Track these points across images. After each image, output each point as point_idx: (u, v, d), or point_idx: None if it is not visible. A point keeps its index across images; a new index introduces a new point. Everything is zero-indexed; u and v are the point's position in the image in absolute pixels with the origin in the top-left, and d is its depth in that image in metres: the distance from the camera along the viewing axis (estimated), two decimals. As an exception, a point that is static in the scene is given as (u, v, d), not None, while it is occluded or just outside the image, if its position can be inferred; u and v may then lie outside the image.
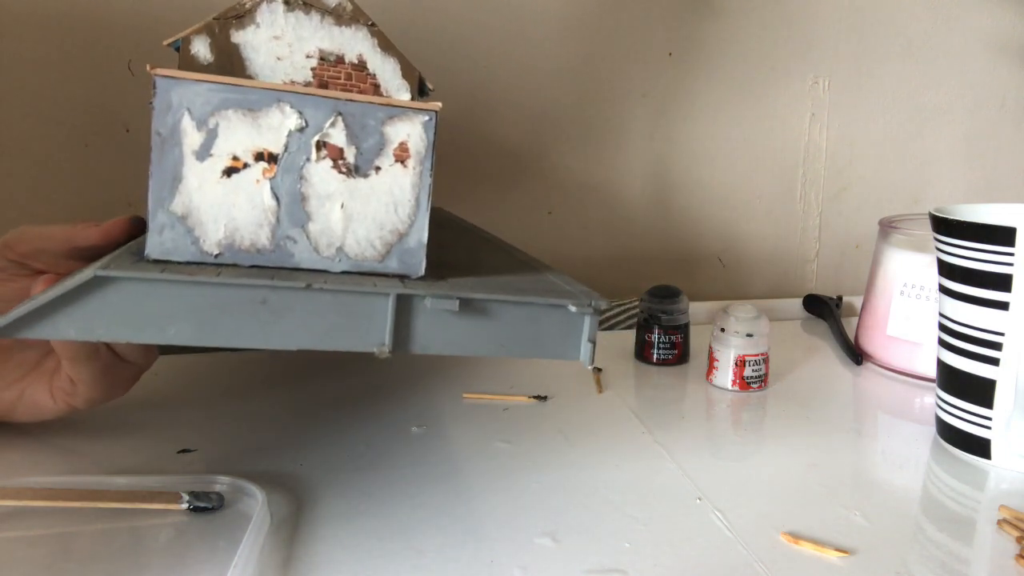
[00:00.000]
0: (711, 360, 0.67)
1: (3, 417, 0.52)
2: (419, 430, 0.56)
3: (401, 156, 0.39)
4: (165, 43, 0.39)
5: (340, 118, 0.38)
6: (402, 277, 0.39)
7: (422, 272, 0.40)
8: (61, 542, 0.41)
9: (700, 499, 0.48)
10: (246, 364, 0.70)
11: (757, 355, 0.66)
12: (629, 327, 0.84)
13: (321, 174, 0.38)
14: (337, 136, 0.38)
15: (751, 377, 0.66)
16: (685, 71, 0.97)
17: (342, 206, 0.38)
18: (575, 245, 0.97)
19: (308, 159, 0.38)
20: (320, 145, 0.38)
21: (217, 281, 0.35)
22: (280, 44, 0.40)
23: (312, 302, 0.36)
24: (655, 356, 0.72)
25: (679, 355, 0.73)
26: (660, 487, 0.49)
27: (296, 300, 0.36)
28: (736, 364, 0.66)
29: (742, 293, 1.04)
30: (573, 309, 0.39)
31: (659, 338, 0.72)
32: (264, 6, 0.39)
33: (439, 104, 0.39)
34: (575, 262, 0.97)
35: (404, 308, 0.37)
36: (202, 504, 0.44)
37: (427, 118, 0.39)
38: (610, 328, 0.86)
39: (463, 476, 0.50)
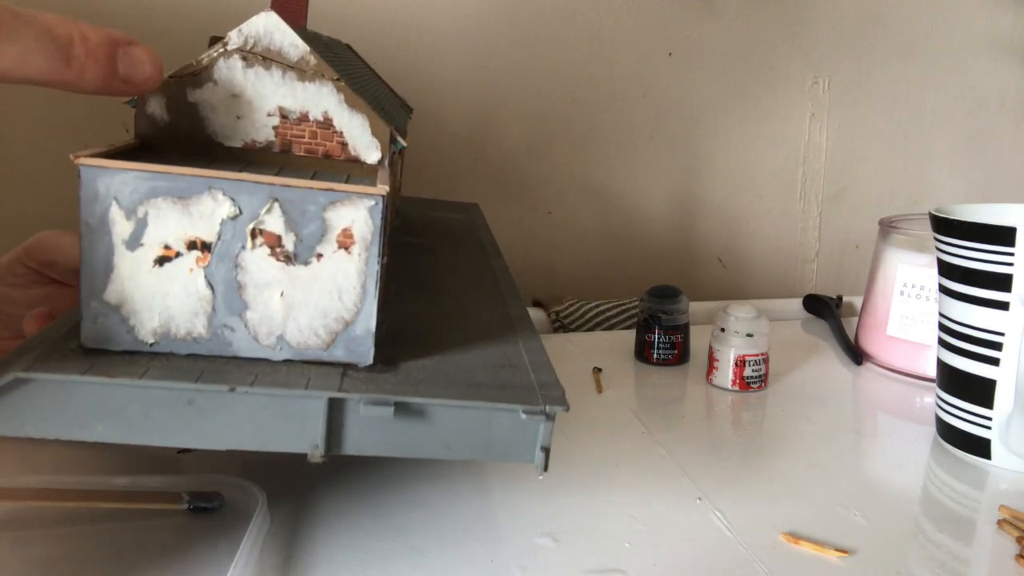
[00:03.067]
0: (711, 360, 0.67)
1: None
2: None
3: (345, 242, 0.36)
4: (123, 101, 0.38)
5: (277, 204, 0.35)
6: (348, 366, 0.37)
7: (370, 361, 0.37)
8: (61, 542, 0.41)
9: (700, 499, 0.48)
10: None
11: (757, 355, 0.66)
12: (629, 327, 0.84)
13: (258, 262, 0.36)
14: (274, 223, 0.36)
15: (751, 377, 0.66)
16: (685, 71, 0.97)
17: (281, 294, 0.36)
18: (575, 245, 0.97)
19: (243, 247, 0.36)
20: (256, 233, 0.36)
21: (137, 384, 0.33)
22: (239, 102, 0.38)
23: (240, 403, 0.34)
24: (655, 356, 0.72)
25: (679, 355, 0.73)
26: (660, 487, 0.49)
27: (223, 401, 0.34)
28: (736, 364, 0.66)
29: (742, 293, 1.04)
30: (524, 417, 0.36)
31: (659, 338, 0.72)
32: (221, 62, 0.37)
33: (386, 188, 0.36)
34: (575, 262, 0.97)
35: (337, 410, 0.35)
36: (202, 504, 0.44)
37: (373, 203, 0.36)
38: (610, 328, 0.86)
39: (463, 476, 0.50)
